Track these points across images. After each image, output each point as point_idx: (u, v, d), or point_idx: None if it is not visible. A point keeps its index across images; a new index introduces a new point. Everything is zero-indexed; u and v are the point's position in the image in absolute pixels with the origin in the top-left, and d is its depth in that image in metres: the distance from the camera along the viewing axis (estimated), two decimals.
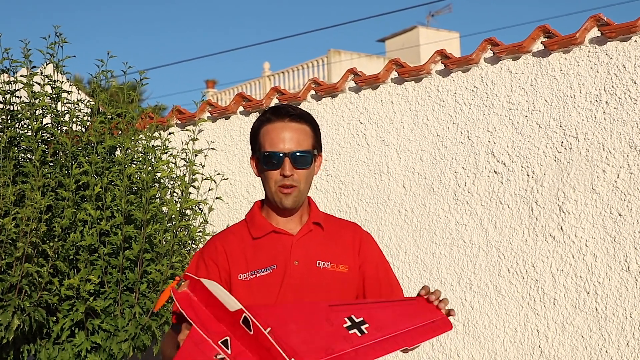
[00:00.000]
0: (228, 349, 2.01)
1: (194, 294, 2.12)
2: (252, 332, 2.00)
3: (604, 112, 4.05)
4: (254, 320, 2.03)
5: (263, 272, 2.27)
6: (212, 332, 2.04)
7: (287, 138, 2.28)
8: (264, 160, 2.29)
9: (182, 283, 2.14)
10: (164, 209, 4.49)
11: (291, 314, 2.07)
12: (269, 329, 1.99)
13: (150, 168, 4.41)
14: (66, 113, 4.52)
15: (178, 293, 2.13)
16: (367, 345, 2.02)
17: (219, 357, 1.99)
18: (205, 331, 2.04)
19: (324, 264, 2.32)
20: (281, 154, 2.27)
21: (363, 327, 2.05)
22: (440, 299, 2.20)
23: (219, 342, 2.02)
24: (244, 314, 2.02)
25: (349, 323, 2.07)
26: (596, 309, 4.02)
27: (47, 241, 4.10)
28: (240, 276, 2.28)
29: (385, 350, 2.02)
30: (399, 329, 2.07)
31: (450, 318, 2.15)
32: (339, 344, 2.01)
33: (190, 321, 2.06)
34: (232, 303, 2.05)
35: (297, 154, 2.28)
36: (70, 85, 4.97)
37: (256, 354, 1.99)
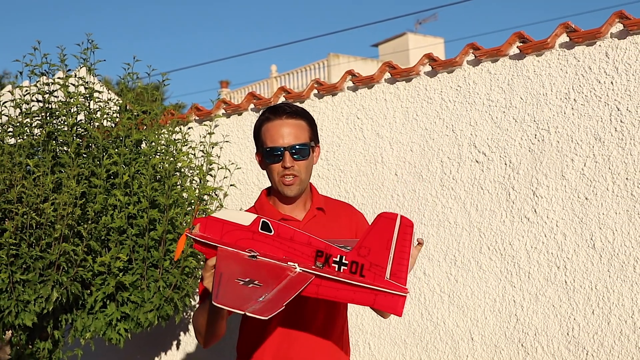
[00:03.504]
0: (255, 253, 1.97)
1: (206, 232, 2.05)
2: (273, 233, 1.97)
3: (572, 109, 4.04)
4: (272, 220, 1.99)
5: None
6: (236, 247, 1.99)
7: (285, 133, 2.27)
8: (267, 155, 2.29)
9: (194, 228, 2.08)
10: (185, 194, 4.49)
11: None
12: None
13: (172, 159, 4.41)
14: (98, 110, 4.51)
15: (193, 234, 2.07)
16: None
17: (249, 254, 1.96)
18: (230, 247, 1.99)
19: None
20: (281, 149, 2.26)
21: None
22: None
23: (246, 250, 1.97)
24: (261, 220, 1.99)
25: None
26: (565, 282, 4.02)
27: (82, 223, 4.11)
28: None
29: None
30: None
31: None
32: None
33: (214, 244, 2.01)
34: (245, 217, 2.02)
35: (296, 147, 2.27)
36: (101, 86, 4.96)
37: (281, 250, 1.96)
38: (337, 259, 1.91)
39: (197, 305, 2.29)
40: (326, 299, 1.95)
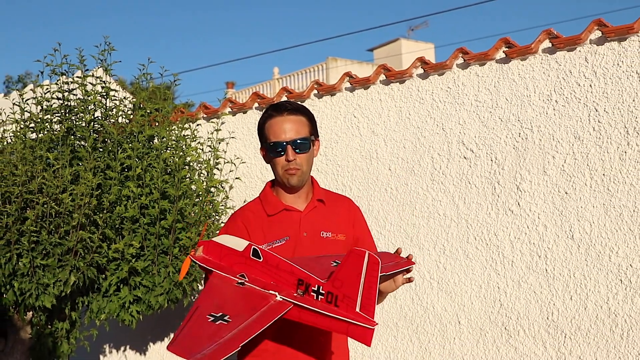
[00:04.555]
0: (245, 278, 2.04)
1: (208, 255, 2.14)
2: (262, 259, 2.04)
3: (553, 109, 4.06)
4: (261, 248, 2.06)
5: (278, 242, 2.28)
6: (230, 272, 2.08)
7: (287, 129, 2.28)
8: (271, 150, 2.30)
9: (198, 249, 2.17)
10: (193, 187, 4.51)
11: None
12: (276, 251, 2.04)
13: (181, 153, 4.44)
14: (113, 108, 4.54)
15: (197, 257, 2.16)
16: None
17: (239, 281, 2.02)
18: (224, 272, 2.08)
19: (326, 234, 2.34)
20: (284, 143, 2.27)
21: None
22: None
23: (237, 275, 2.05)
24: (252, 247, 2.06)
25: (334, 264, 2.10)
26: (546, 270, 4.05)
27: (98, 213, 4.13)
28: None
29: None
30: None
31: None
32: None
33: (212, 269, 2.09)
34: (240, 243, 2.09)
35: (297, 141, 2.28)
36: (116, 85, 4.99)
37: (267, 275, 2.02)
38: (316, 289, 1.97)
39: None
40: (307, 324, 2.02)
